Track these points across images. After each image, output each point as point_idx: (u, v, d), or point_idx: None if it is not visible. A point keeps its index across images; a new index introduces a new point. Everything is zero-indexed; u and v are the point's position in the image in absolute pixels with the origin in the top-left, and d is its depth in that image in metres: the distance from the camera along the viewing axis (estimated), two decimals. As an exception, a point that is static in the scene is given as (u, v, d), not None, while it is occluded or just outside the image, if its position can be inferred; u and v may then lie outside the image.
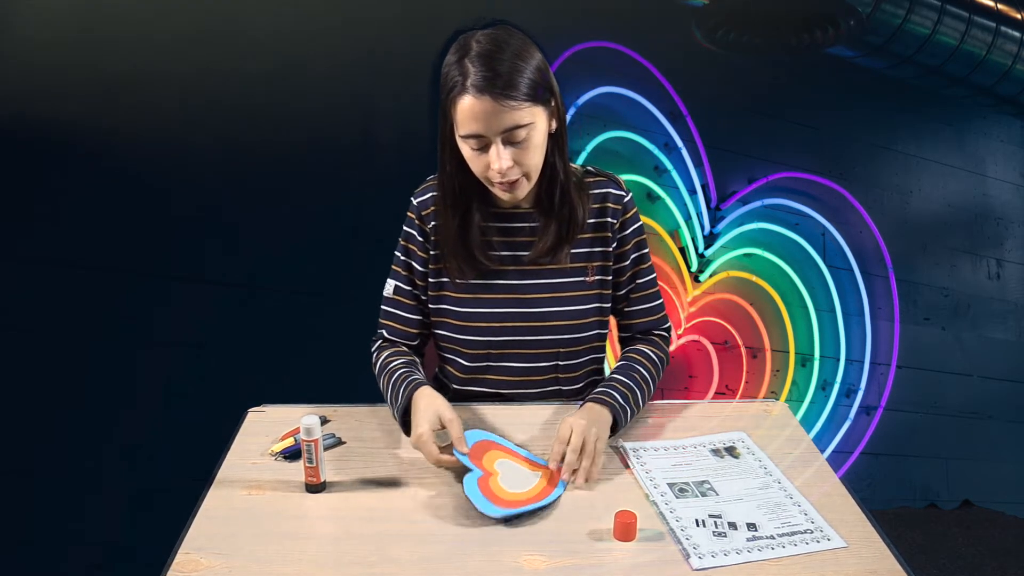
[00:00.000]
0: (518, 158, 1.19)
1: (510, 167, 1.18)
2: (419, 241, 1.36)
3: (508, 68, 1.14)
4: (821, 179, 3.35)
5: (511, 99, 1.14)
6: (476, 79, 1.13)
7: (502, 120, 1.15)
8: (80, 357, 2.15)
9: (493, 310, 1.33)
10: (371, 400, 1.36)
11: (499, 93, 1.13)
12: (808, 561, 0.99)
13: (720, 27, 2.75)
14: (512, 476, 1.13)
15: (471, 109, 1.14)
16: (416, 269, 1.37)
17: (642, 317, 1.42)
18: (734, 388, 3.16)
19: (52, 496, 2.10)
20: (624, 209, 1.35)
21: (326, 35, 2.42)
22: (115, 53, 2.18)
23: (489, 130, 1.16)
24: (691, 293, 3.09)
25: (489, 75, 1.13)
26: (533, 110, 1.17)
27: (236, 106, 2.32)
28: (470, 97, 1.14)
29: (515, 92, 1.14)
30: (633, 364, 1.35)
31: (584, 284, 1.34)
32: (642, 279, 1.40)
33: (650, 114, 2.96)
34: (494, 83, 1.13)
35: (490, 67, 1.14)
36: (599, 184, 1.35)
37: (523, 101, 1.15)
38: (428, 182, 1.38)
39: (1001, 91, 3.22)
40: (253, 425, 1.29)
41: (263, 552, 0.99)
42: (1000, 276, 3.86)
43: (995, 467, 3.68)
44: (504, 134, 1.16)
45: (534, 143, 1.19)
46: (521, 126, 1.16)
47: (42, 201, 2.13)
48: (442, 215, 1.30)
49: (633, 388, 1.30)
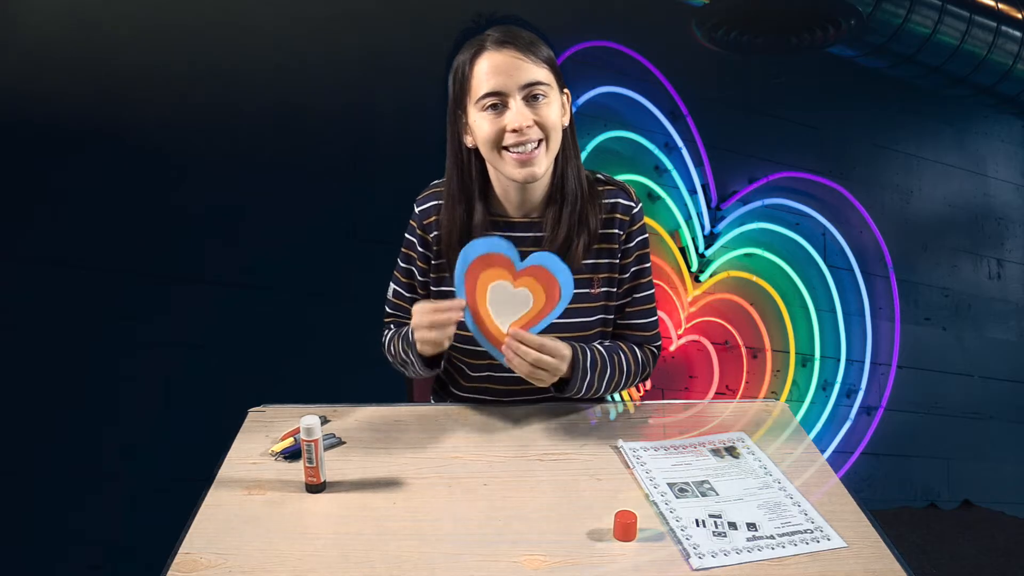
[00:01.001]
0: (538, 116, 1.19)
1: (529, 125, 1.18)
2: (420, 251, 1.35)
3: (527, 35, 1.20)
4: (822, 179, 3.35)
5: (533, 54, 1.18)
6: (496, 39, 1.18)
7: (523, 73, 1.17)
8: (80, 357, 2.15)
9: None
10: (371, 400, 1.36)
11: (522, 47, 1.17)
12: (808, 561, 0.99)
13: (721, 26, 2.75)
14: (505, 304, 1.18)
15: (492, 63, 1.17)
16: (417, 278, 1.37)
17: (634, 331, 1.40)
18: (734, 388, 3.16)
19: (52, 496, 2.10)
20: (632, 220, 1.33)
21: (326, 34, 2.42)
22: (115, 53, 2.18)
23: (508, 84, 1.17)
24: (691, 293, 3.09)
25: (510, 36, 1.19)
26: (551, 77, 1.21)
27: (236, 106, 2.32)
28: (490, 52, 1.18)
29: (536, 50, 1.19)
30: (617, 350, 1.35)
31: (590, 296, 1.33)
32: (640, 294, 1.38)
33: (650, 114, 2.96)
34: (516, 40, 1.18)
35: (509, 32, 1.20)
36: (609, 193, 1.33)
37: (543, 63, 1.19)
38: (431, 188, 1.36)
39: (1002, 91, 3.22)
40: (253, 425, 1.29)
41: (263, 552, 0.99)
42: (1001, 276, 3.86)
43: (996, 467, 3.68)
44: (524, 89, 1.18)
45: (553, 107, 1.20)
46: (541, 83, 1.18)
47: (42, 201, 2.13)
48: (447, 218, 1.29)
49: (606, 364, 1.30)
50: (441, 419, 1.31)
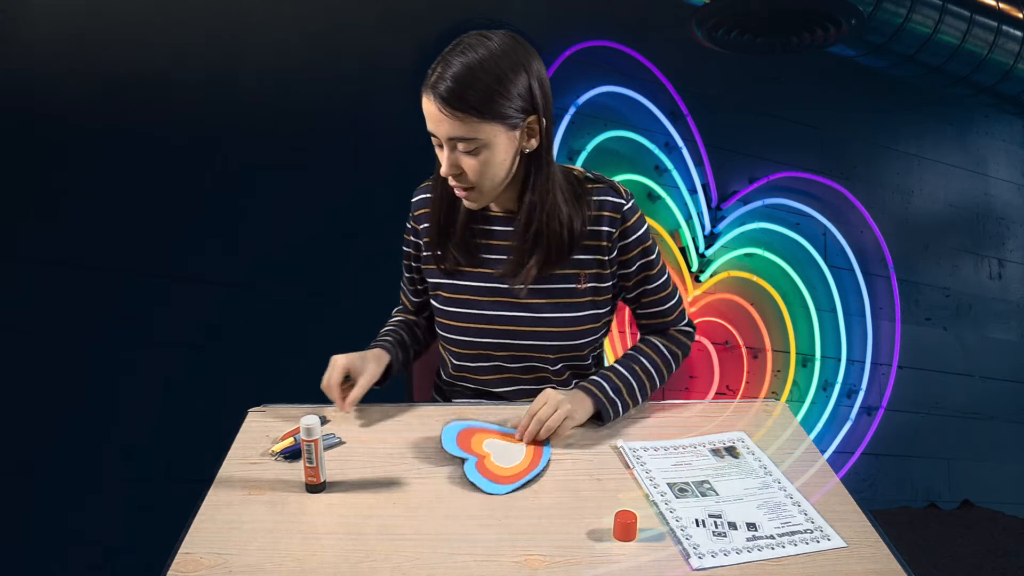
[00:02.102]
0: (466, 168, 1.19)
1: (456, 174, 1.19)
2: (413, 241, 1.41)
3: (463, 77, 1.12)
4: (822, 179, 3.35)
5: (455, 109, 1.13)
6: (431, 79, 1.15)
7: (443, 127, 1.15)
8: (80, 357, 2.15)
9: (477, 312, 1.34)
10: (371, 400, 1.36)
11: (443, 101, 1.13)
12: (808, 561, 0.99)
13: (721, 26, 2.75)
14: (502, 453, 1.18)
15: (425, 106, 1.17)
16: (412, 265, 1.44)
17: (655, 319, 1.42)
18: (735, 388, 3.16)
19: (52, 496, 2.10)
20: (623, 218, 1.32)
21: (325, 35, 2.42)
22: (115, 54, 2.18)
23: (437, 131, 1.17)
24: (692, 293, 3.08)
25: (440, 79, 1.13)
26: (483, 127, 1.15)
27: (236, 106, 2.33)
28: (425, 95, 1.16)
29: (460, 103, 1.13)
30: (637, 356, 1.36)
31: (576, 291, 1.33)
32: (652, 284, 1.39)
33: (650, 113, 2.96)
34: (438, 88, 1.13)
35: (446, 71, 1.13)
36: (598, 191, 1.32)
37: (470, 115, 1.13)
38: (426, 181, 1.40)
39: (1003, 90, 3.22)
40: (253, 425, 1.29)
41: (263, 552, 0.99)
42: (1002, 276, 3.86)
43: (997, 467, 3.68)
44: (450, 141, 1.17)
45: (485, 159, 1.18)
46: (465, 139, 1.15)
47: (42, 201, 2.13)
48: (433, 209, 1.33)
49: (629, 381, 1.30)
50: (441, 419, 1.31)
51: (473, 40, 1.16)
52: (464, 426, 1.24)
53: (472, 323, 1.34)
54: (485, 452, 1.18)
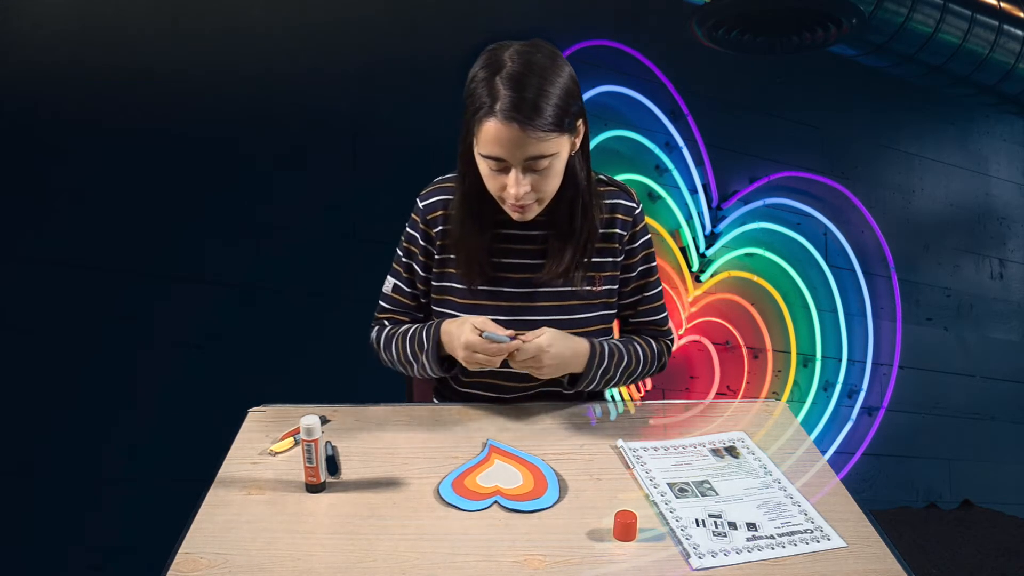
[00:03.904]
0: (536, 185, 1.17)
1: (527, 192, 1.17)
2: (422, 245, 1.35)
3: (536, 95, 1.11)
4: (823, 178, 3.34)
5: (538, 128, 1.11)
6: (505, 104, 1.11)
7: (526, 149, 1.13)
8: (80, 357, 2.15)
9: (497, 318, 1.30)
10: (371, 400, 1.36)
11: (527, 122, 1.10)
12: (808, 561, 0.99)
13: (721, 25, 2.75)
14: (496, 473, 1.14)
15: (496, 134, 1.12)
16: (417, 272, 1.37)
17: (648, 326, 1.44)
18: (735, 388, 3.16)
19: (52, 496, 2.10)
20: (634, 221, 1.35)
21: (325, 35, 2.42)
22: (115, 54, 2.18)
23: (512, 156, 1.14)
24: (692, 293, 3.08)
25: (518, 102, 1.10)
26: (559, 140, 1.15)
27: (236, 106, 2.32)
28: (496, 122, 1.11)
29: (543, 121, 1.11)
30: (632, 340, 1.39)
31: (591, 293, 1.34)
32: (648, 292, 1.41)
33: (651, 113, 2.96)
34: (521, 110, 1.10)
35: (520, 93, 1.11)
36: (611, 194, 1.34)
37: (550, 131, 1.13)
38: (435, 184, 1.36)
39: (1004, 90, 3.21)
40: (253, 425, 1.29)
41: (263, 552, 0.99)
42: (1003, 276, 3.86)
43: (998, 468, 3.68)
44: (526, 162, 1.14)
45: (554, 170, 1.18)
46: (545, 156, 1.15)
47: (42, 201, 2.13)
48: (457, 221, 1.29)
49: (623, 353, 1.34)
50: (441, 419, 1.31)
51: (512, 55, 1.14)
52: (501, 447, 1.21)
53: None
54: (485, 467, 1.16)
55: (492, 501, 1.08)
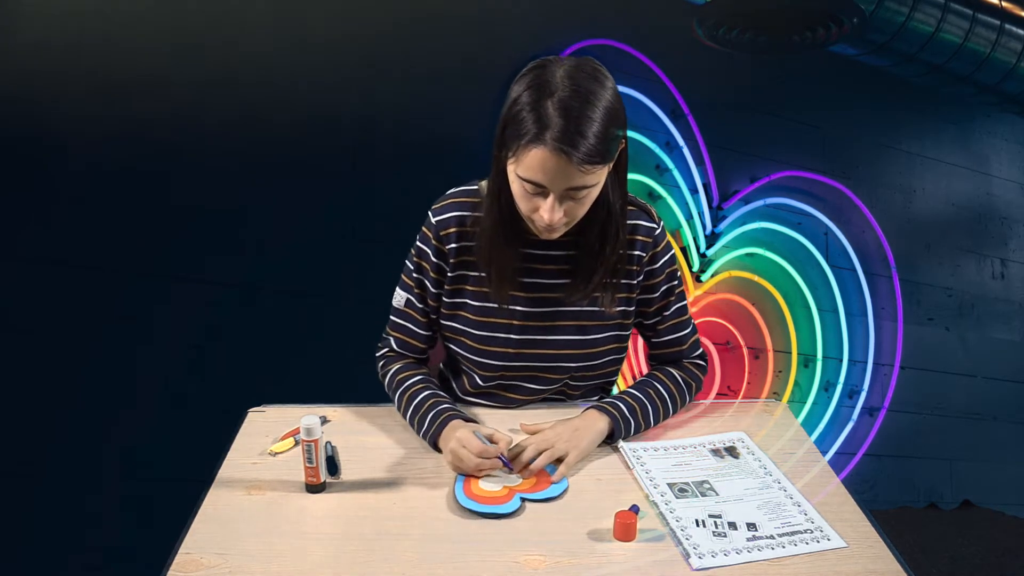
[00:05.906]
0: (569, 211, 1.15)
1: (560, 219, 1.14)
2: (434, 261, 1.30)
3: (587, 126, 1.07)
4: (824, 178, 3.34)
5: (585, 161, 1.08)
6: (555, 135, 1.06)
7: (570, 180, 1.10)
8: (80, 357, 2.15)
9: (510, 335, 1.29)
10: (371, 400, 1.36)
11: (576, 154, 1.07)
12: (808, 561, 0.99)
13: (722, 25, 2.74)
14: (497, 474, 1.14)
15: (542, 163, 1.08)
16: (428, 288, 1.33)
17: (670, 347, 1.40)
18: (736, 389, 3.15)
19: (52, 497, 2.10)
20: (655, 242, 1.31)
21: (326, 38, 2.42)
22: (115, 55, 2.18)
23: (553, 185, 1.11)
24: (692, 293, 3.08)
25: (570, 135, 1.06)
26: (603, 171, 1.13)
27: (236, 107, 2.33)
28: (544, 151, 1.07)
29: (591, 155, 1.08)
30: (652, 381, 1.34)
31: (604, 314, 1.31)
32: (670, 311, 1.37)
33: (651, 112, 2.96)
34: (572, 142, 1.06)
35: (571, 124, 1.06)
36: (631, 215, 1.30)
37: (597, 164, 1.09)
38: (448, 198, 1.31)
39: (1005, 89, 3.21)
40: (253, 425, 1.29)
41: (263, 552, 0.98)
42: (1004, 276, 3.85)
43: (999, 468, 3.67)
44: (566, 191, 1.12)
45: (591, 198, 1.16)
46: (586, 187, 1.12)
47: (42, 201, 2.13)
48: (489, 238, 1.25)
49: (644, 403, 1.28)
50: (441, 419, 1.31)
51: (562, 79, 1.10)
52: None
53: (502, 347, 1.30)
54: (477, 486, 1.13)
55: (518, 499, 1.08)
